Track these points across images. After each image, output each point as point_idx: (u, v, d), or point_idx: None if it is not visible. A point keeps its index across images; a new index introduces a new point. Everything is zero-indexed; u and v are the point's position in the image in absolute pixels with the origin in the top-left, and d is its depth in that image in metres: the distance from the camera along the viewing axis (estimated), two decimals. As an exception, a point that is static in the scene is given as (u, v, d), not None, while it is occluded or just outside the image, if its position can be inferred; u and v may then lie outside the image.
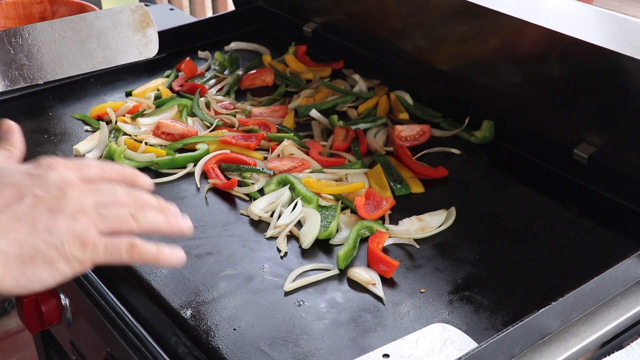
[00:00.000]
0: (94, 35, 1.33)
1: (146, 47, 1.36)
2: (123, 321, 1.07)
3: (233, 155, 1.39)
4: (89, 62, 1.38)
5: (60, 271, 0.72)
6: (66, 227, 0.72)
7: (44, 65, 1.35)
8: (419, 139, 1.45)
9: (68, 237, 0.72)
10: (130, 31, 1.34)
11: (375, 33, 1.67)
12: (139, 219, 0.77)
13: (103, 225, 0.74)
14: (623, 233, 1.19)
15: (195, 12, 3.44)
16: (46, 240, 0.71)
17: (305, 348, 0.98)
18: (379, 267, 1.11)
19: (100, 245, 0.74)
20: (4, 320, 2.60)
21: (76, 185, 0.74)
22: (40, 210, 0.71)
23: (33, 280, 0.71)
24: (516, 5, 1.27)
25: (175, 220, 0.81)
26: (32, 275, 0.71)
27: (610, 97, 1.21)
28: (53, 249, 0.71)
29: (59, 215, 0.72)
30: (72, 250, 0.72)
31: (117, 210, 0.76)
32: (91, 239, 0.73)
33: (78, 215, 0.73)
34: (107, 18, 1.34)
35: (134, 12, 1.33)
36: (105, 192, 0.76)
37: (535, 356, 0.96)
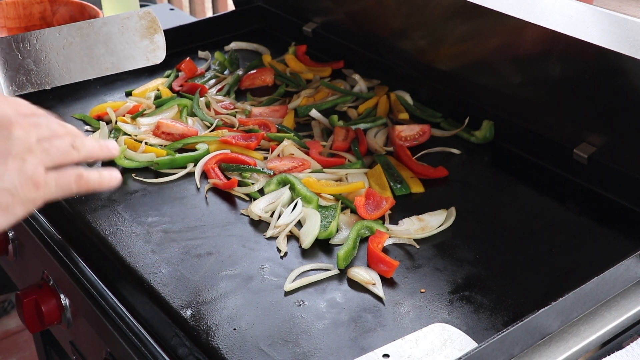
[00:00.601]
0: (102, 41, 1.33)
1: (153, 53, 1.36)
2: (123, 321, 1.07)
3: (233, 155, 1.39)
4: (97, 68, 1.38)
5: (15, 214, 0.72)
6: (17, 171, 0.71)
7: (52, 70, 1.35)
8: (419, 139, 1.45)
9: (20, 181, 0.71)
10: (138, 37, 1.34)
11: (375, 33, 1.67)
12: (79, 149, 0.78)
13: (49, 160, 0.74)
14: (623, 233, 1.19)
15: (195, 12, 3.44)
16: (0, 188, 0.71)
17: (305, 348, 0.98)
18: (379, 267, 1.11)
19: (51, 182, 0.74)
20: (4, 320, 2.60)
21: (18, 123, 0.74)
22: None
23: None
24: (516, 5, 1.27)
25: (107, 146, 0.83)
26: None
27: (610, 97, 1.21)
28: (8, 195, 0.71)
29: (8, 159, 0.71)
30: (26, 193, 0.72)
31: (59, 143, 0.76)
32: (42, 178, 0.73)
33: (26, 156, 0.72)
34: (114, 24, 1.34)
35: (142, 18, 1.33)
36: (44, 125, 0.76)
37: (535, 356, 0.96)
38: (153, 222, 1.24)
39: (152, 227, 1.22)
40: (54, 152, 0.75)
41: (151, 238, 1.20)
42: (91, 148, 0.80)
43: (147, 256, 1.15)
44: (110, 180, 0.83)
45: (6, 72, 1.32)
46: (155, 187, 1.34)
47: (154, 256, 1.15)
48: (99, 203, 1.29)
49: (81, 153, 0.79)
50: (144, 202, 1.29)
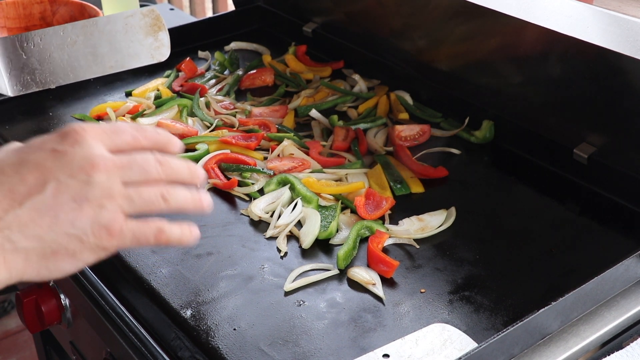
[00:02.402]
0: (106, 39, 1.33)
1: (158, 50, 1.35)
2: (123, 321, 1.07)
3: (233, 155, 1.39)
4: (101, 67, 1.37)
5: (83, 261, 0.68)
6: (91, 218, 0.67)
7: (56, 69, 1.34)
8: (419, 139, 1.45)
9: (93, 228, 0.67)
10: (142, 35, 1.34)
11: (375, 33, 1.67)
12: (168, 201, 0.72)
13: (131, 209, 0.69)
14: (623, 233, 1.19)
15: (195, 12, 3.44)
16: (69, 234, 0.66)
17: (305, 348, 0.98)
18: (379, 267, 1.11)
19: (128, 232, 0.69)
20: (4, 320, 2.60)
21: (103, 165, 0.68)
22: (63, 199, 0.66)
23: (55, 271, 0.68)
24: (516, 5, 1.27)
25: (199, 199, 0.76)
26: (54, 268, 0.67)
27: (610, 97, 1.21)
28: (77, 242, 0.67)
29: (83, 204, 0.67)
30: (98, 240, 0.68)
31: (147, 193, 0.70)
32: (118, 226, 0.68)
33: (105, 202, 0.67)
34: (118, 22, 1.33)
35: (146, 15, 1.33)
36: (136, 168, 0.70)
37: (535, 356, 0.96)
38: (153, 222, 1.23)
39: (152, 227, 1.22)
40: (139, 201, 0.70)
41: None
42: (183, 201, 0.73)
43: (147, 256, 1.15)
44: (191, 236, 0.76)
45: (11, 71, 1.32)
46: (155, 187, 1.33)
47: (154, 256, 1.15)
48: (99, 203, 1.28)
49: (170, 206, 0.72)
50: (144, 202, 1.29)
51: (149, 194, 0.71)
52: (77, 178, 0.67)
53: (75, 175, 0.67)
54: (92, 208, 0.67)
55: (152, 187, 0.71)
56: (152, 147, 0.74)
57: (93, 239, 0.67)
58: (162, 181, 0.72)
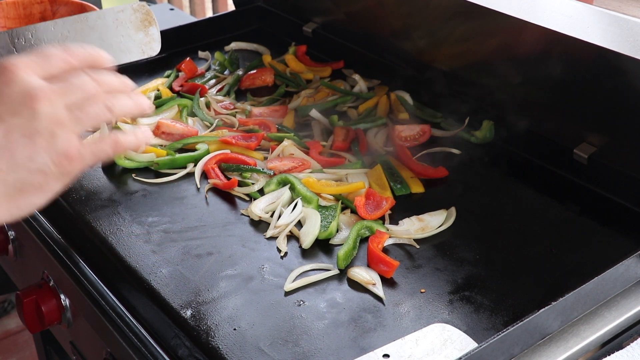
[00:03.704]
0: (97, 34, 1.33)
1: (149, 45, 1.36)
2: (123, 321, 1.07)
3: (233, 155, 1.39)
4: None
5: (51, 191, 0.69)
6: (47, 148, 0.68)
7: None
8: (419, 139, 1.45)
9: (52, 158, 0.68)
10: (133, 30, 1.34)
11: (375, 33, 1.67)
12: (113, 109, 0.74)
13: (81, 128, 0.71)
14: (623, 233, 1.19)
15: (195, 12, 3.44)
16: (30, 169, 0.67)
17: (305, 348, 0.98)
18: (379, 267, 1.11)
19: (86, 152, 0.71)
20: (4, 320, 2.60)
21: (43, 95, 0.69)
22: (14, 138, 0.67)
23: (26, 208, 0.69)
24: (516, 5, 1.27)
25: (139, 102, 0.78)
26: (25, 204, 0.69)
27: (610, 97, 1.21)
28: (40, 175, 0.68)
29: (35, 137, 0.67)
30: (60, 168, 0.69)
31: (92, 108, 0.72)
32: (75, 149, 0.69)
33: (55, 129, 0.68)
34: (109, 17, 1.34)
35: (136, 11, 1.33)
36: (75, 88, 0.72)
37: (535, 356, 0.96)
38: (153, 222, 1.24)
39: (152, 227, 1.22)
40: (87, 119, 0.71)
41: (151, 238, 1.20)
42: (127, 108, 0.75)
43: (147, 256, 1.15)
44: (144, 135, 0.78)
45: None
46: (155, 187, 1.34)
47: (154, 256, 1.15)
48: (99, 203, 1.29)
49: (115, 113, 0.74)
50: (144, 202, 1.29)
51: (94, 109, 0.72)
52: (21, 115, 0.68)
53: (18, 112, 0.68)
54: (45, 139, 0.68)
55: (95, 102, 0.73)
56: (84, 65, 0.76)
57: (55, 168, 0.68)
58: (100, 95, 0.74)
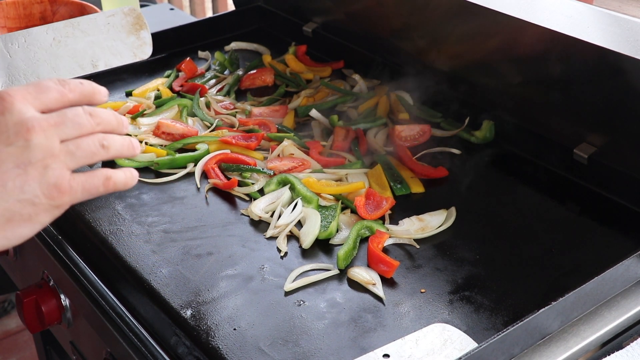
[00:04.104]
0: (89, 38, 1.34)
1: (140, 49, 1.36)
2: (123, 321, 1.07)
3: (233, 155, 1.39)
4: (85, 65, 1.38)
5: (40, 222, 0.69)
6: (39, 179, 0.68)
7: (40, 69, 1.35)
8: (419, 139, 1.45)
9: (43, 189, 0.68)
10: (124, 34, 1.35)
11: (375, 33, 1.67)
12: (108, 148, 0.74)
13: (74, 163, 0.70)
14: (623, 233, 1.19)
15: (195, 12, 3.44)
16: (20, 199, 0.67)
17: (305, 348, 0.98)
18: (379, 267, 1.11)
19: (77, 187, 0.70)
20: (4, 320, 2.60)
21: (38, 126, 0.68)
22: (7, 167, 0.67)
23: (14, 239, 0.68)
24: (516, 5, 1.27)
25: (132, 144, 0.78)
26: (13, 235, 0.68)
27: (610, 97, 1.21)
28: (29, 206, 0.67)
29: (28, 168, 0.67)
30: (50, 200, 0.68)
31: (86, 144, 0.72)
32: (66, 183, 0.69)
33: (48, 161, 0.68)
34: (100, 21, 1.34)
35: (127, 15, 1.34)
36: (70, 123, 0.71)
37: (535, 356, 0.96)
38: (153, 222, 1.24)
39: (152, 227, 1.22)
40: (80, 154, 0.71)
41: (151, 238, 1.20)
42: (120, 147, 0.75)
43: (147, 256, 1.15)
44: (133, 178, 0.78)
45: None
46: (155, 187, 1.34)
47: (154, 256, 1.15)
48: (99, 203, 1.29)
49: (110, 152, 0.73)
50: (144, 202, 1.29)
51: (88, 144, 0.72)
52: (15, 144, 0.67)
53: (13, 142, 0.68)
54: (37, 170, 0.68)
55: (90, 138, 0.72)
56: (79, 99, 0.75)
57: (45, 200, 0.68)
58: (95, 132, 0.73)
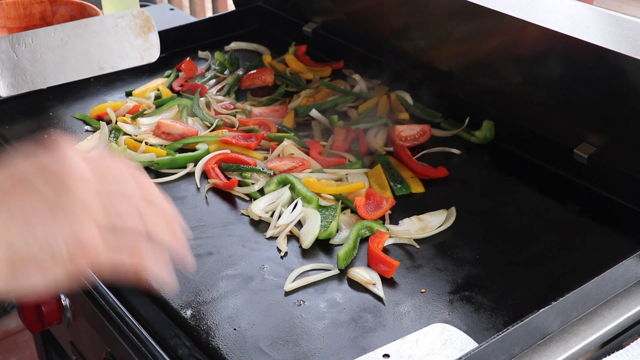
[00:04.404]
0: (96, 40, 1.34)
1: (148, 51, 1.36)
2: (123, 321, 1.07)
3: (233, 155, 1.39)
4: (92, 67, 1.38)
5: (54, 276, 0.64)
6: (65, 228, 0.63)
7: (47, 70, 1.35)
8: (419, 139, 1.45)
9: (66, 239, 0.63)
10: (132, 36, 1.35)
11: (375, 33, 1.67)
12: (145, 220, 0.68)
13: (106, 221, 0.66)
14: (623, 233, 1.19)
15: (195, 12, 3.44)
16: (42, 245, 0.62)
17: (305, 348, 0.98)
18: (379, 267, 1.11)
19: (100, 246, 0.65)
20: (4, 320, 2.60)
21: (81, 175, 0.65)
22: (38, 206, 0.63)
23: (23, 285, 0.63)
24: (516, 5, 1.27)
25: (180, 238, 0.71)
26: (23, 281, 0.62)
27: (610, 97, 1.21)
28: (48, 254, 0.62)
29: (59, 214, 0.63)
30: (70, 254, 0.63)
31: (123, 206, 0.67)
32: (92, 241, 0.64)
33: (80, 212, 0.64)
34: (109, 23, 1.34)
35: (136, 17, 1.34)
36: (114, 182, 0.67)
37: (535, 356, 0.96)
38: (153, 222, 1.23)
39: (152, 227, 1.22)
40: (115, 215, 0.66)
41: (151, 238, 1.20)
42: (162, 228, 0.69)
43: (147, 256, 1.15)
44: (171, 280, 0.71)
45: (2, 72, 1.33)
46: (155, 187, 1.33)
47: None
48: (99, 203, 1.29)
49: (147, 225, 0.67)
50: (144, 202, 1.29)
51: (125, 209, 0.67)
52: (52, 184, 0.64)
53: (51, 181, 0.64)
54: (66, 217, 0.63)
55: (129, 201, 0.68)
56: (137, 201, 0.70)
57: (66, 252, 0.63)
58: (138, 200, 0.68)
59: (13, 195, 0.63)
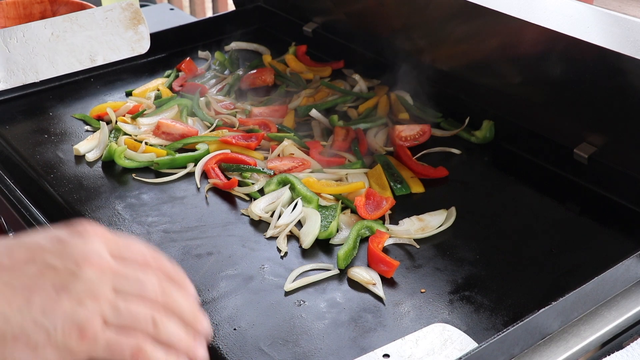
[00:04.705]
0: (87, 33, 1.34)
1: (138, 43, 1.36)
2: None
3: (233, 155, 1.39)
4: (83, 60, 1.38)
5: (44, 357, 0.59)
6: (66, 312, 0.60)
7: (38, 63, 1.35)
8: (419, 139, 1.45)
9: (64, 324, 0.59)
10: (122, 28, 1.35)
11: (375, 33, 1.67)
12: (158, 327, 0.64)
13: (113, 319, 0.62)
14: (623, 233, 1.19)
15: (195, 12, 3.44)
16: (37, 322, 0.59)
17: (305, 348, 0.98)
18: (379, 267, 1.11)
19: (102, 340, 0.61)
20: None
21: (97, 263, 0.62)
22: (43, 283, 0.60)
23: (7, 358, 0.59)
24: (516, 5, 1.27)
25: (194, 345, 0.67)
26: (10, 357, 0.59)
27: (610, 97, 1.21)
28: (43, 334, 0.59)
29: (62, 294, 0.60)
30: (66, 339, 0.59)
31: (136, 309, 0.63)
32: (92, 330, 0.60)
33: (86, 300, 0.60)
34: (98, 16, 1.34)
35: (125, 9, 1.34)
36: (132, 279, 0.64)
37: (535, 356, 0.96)
38: (153, 222, 1.24)
39: (152, 227, 1.22)
40: (125, 314, 0.62)
41: (151, 238, 1.20)
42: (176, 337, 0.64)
43: (147, 256, 1.15)
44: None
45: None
46: (155, 187, 1.34)
47: (154, 256, 1.15)
48: (99, 203, 1.29)
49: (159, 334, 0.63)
50: (144, 202, 1.29)
51: (138, 310, 0.63)
52: (65, 266, 0.61)
53: (64, 263, 0.61)
54: (70, 302, 0.60)
55: (144, 306, 0.64)
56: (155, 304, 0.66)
57: (61, 336, 0.59)
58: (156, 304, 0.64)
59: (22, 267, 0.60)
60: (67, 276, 0.60)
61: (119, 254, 0.64)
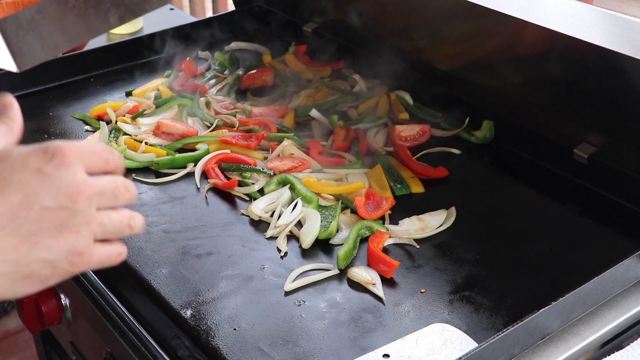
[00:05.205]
0: None
1: None
2: (123, 321, 1.07)
3: (233, 155, 1.39)
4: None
5: (49, 284, 0.68)
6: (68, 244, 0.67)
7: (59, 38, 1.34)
8: (419, 139, 1.45)
9: (68, 255, 0.67)
10: None
11: (375, 33, 1.67)
12: (133, 228, 0.73)
13: (101, 234, 0.70)
14: (623, 233, 1.19)
15: (195, 12, 3.44)
16: (44, 259, 0.66)
17: (305, 348, 0.98)
18: (379, 267, 1.11)
19: (95, 257, 0.69)
20: (4, 320, 2.60)
21: (86, 193, 0.67)
22: (45, 225, 0.65)
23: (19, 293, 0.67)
24: (516, 5, 1.27)
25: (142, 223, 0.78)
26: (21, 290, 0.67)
27: (610, 97, 1.21)
28: (49, 268, 0.66)
29: (64, 231, 0.66)
30: (69, 267, 0.67)
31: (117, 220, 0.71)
32: (89, 252, 0.69)
33: (82, 228, 0.67)
34: None
35: None
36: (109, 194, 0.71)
37: (535, 356, 0.96)
38: (153, 222, 1.24)
39: (152, 227, 1.22)
40: (110, 228, 0.70)
41: (151, 238, 1.20)
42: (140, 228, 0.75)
43: (147, 256, 1.15)
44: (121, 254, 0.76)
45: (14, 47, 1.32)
46: (155, 187, 1.34)
47: (154, 256, 1.15)
48: (99, 203, 1.29)
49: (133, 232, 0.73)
50: (144, 202, 1.29)
51: (120, 222, 0.72)
52: (59, 204, 0.66)
53: (58, 201, 0.66)
54: (70, 235, 0.67)
55: (122, 215, 0.72)
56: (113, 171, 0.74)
57: (65, 265, 0.67)
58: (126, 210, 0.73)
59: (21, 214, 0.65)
60: (64, 214, 0.66)
61: (90, 169, 0.70)
